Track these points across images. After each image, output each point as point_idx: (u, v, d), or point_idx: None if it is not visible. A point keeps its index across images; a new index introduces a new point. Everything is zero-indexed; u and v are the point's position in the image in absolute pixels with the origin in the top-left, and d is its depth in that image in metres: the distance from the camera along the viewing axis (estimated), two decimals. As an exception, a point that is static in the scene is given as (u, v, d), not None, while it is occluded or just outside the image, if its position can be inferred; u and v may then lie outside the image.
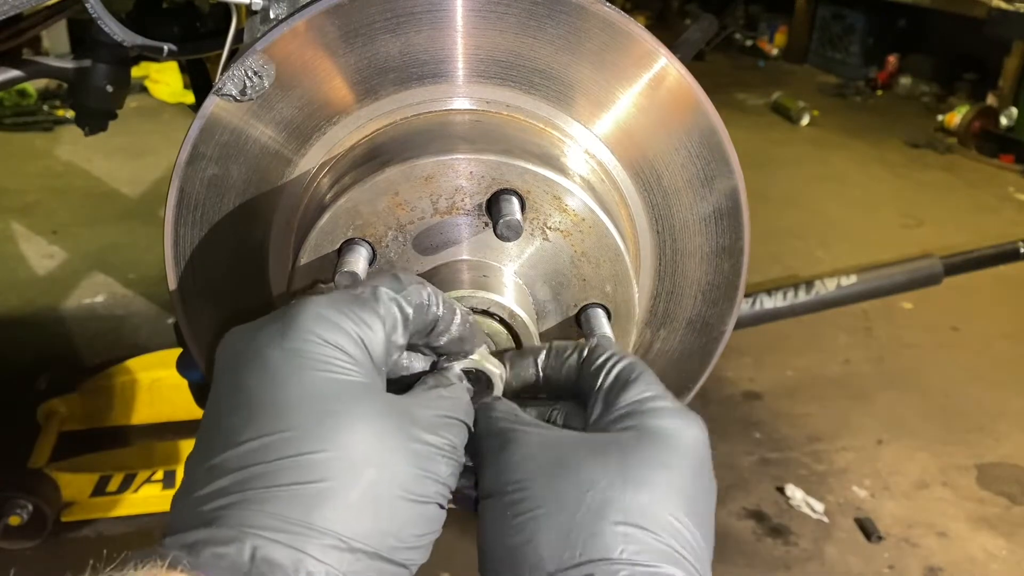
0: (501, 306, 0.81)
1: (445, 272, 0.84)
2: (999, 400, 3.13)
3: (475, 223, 0.84)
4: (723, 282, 1.03)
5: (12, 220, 4.15)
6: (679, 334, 1.05)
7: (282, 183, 0.93)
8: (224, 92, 0.87)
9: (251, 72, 0.87)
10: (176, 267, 0.96)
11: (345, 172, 0.89)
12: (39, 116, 5.47)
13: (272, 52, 0.87)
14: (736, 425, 2.93)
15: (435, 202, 0.83)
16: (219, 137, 0.90)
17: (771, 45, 8.30)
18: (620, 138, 0.95)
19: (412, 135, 0.89)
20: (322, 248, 0.83)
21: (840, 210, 4.81)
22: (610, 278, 0.87)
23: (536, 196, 0.83)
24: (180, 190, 0.92)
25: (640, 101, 0.94)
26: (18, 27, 1.38)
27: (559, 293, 0.87)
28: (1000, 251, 3.08)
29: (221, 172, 0.92)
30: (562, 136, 0.94)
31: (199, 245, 0.95)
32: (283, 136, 0.91)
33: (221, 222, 0.94)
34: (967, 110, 6.00)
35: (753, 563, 2.37)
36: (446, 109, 0.91)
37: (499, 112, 0.92)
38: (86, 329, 3.29)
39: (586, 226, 0.85)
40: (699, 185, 0.98)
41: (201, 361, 1.02)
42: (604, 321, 0.87)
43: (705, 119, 0.96)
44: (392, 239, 0.83)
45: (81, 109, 1.65)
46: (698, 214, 0.99)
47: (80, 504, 2.36)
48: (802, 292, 2.76)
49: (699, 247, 1.01)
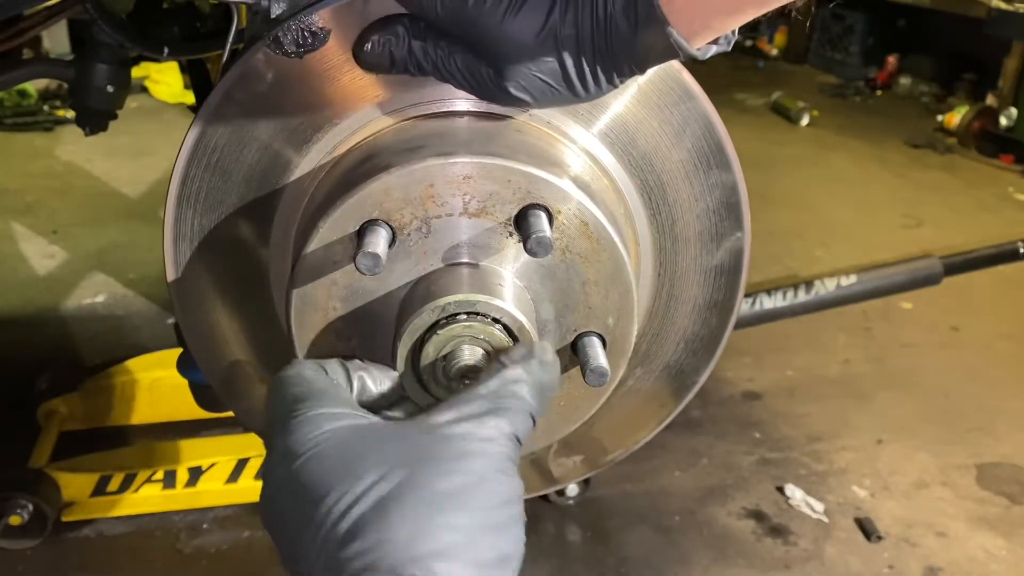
0: (511, 315, 0.81)
1: (458, 273, 0.83)
2: (999, 400, 3.13)
3: (499, 231, 0.84)
4: (708, 335, 1.03)
5: (12, 220, 4.15)
6: (654, 376, 1.06)
7: (299, 158, 0.92)
8: (276, 43, 0.85)
9: (308, 31, 0.85)
10: (175, 251, 0.95)
11: (373, 154, 0.88)
12: (39, 116, 5.47)
13: (329, 18, 0.85)
14: (736, 425, 2.93)
15: (467, 202, 0.82)
16: (255, 87, 0.89)
17: (771, 45, 8.29)
18: (646, 177, 0.95)
19: (451, 131, 0.88)
20: (343, 226, 0.82)
21: (840, 210, 4.81)
22: (615, 311, 0.87)
23: (565, 217, 0.83)
24: (201, 131, 0.91)
25: (671, 144, 0.95)
26: (18, 27, 1.38)
27: (562, 315, 0.87)
28: (1000, 251, 3.08)
29: (248, 122, 0.90)
30: (593, 163, 0.93)
31: (207, 191, 0.94)
32: (318, 102, 0.90)
33: (233, 173, 0.93)
34: (967, 110, 5.99)
35: (753, 563, 2.37)
36: (490, 111, 0.90)
37: (539, 127, 0.92)
38: (86, 329, 3.29)
39: (605, 256, 0.85)
40: (708, 240, 0.99)
41: (199, 360, 1.02)
42: (600, 352, 0.87)
43: (729, 176, 0.96)
44: (415, 229, 0.83)
45: (81, 109, 1.65)
46: (701, 266, 1.00)
47: (80, 504, 2.36)
48: (802, 292, 2.76)
49: (693, 297, 1.01)
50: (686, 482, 2.66)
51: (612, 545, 2.40)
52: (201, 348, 1.01)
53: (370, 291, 0.85)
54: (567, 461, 1.10)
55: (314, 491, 0.64)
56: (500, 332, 0.80)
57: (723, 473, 2.70)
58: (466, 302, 0.80)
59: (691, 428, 2.87)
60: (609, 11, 0.74)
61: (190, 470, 2.42)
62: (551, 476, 1.11)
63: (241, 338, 1.01)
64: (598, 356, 0.85)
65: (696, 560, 2.38)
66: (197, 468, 2.42)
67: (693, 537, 2.45)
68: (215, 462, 2.43)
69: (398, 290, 0.85)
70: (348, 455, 0.65)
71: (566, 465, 1.11)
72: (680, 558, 2.38)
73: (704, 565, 2.36)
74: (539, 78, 0.78)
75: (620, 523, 2.48)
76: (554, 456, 1.09)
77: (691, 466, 2.73)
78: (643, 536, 2.44)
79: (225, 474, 2.43)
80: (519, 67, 0.78)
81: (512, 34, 0.76)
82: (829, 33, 7.77)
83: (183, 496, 2.42)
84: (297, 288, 0.85)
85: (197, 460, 2.44)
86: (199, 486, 2.42)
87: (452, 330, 0.79)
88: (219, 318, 1.00)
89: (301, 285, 0.85)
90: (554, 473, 1.11)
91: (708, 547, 2.42)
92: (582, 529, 2.46)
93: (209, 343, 1.01)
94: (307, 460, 0.66)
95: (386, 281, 0.84)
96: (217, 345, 1.02)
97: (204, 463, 2.43)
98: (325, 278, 0.84)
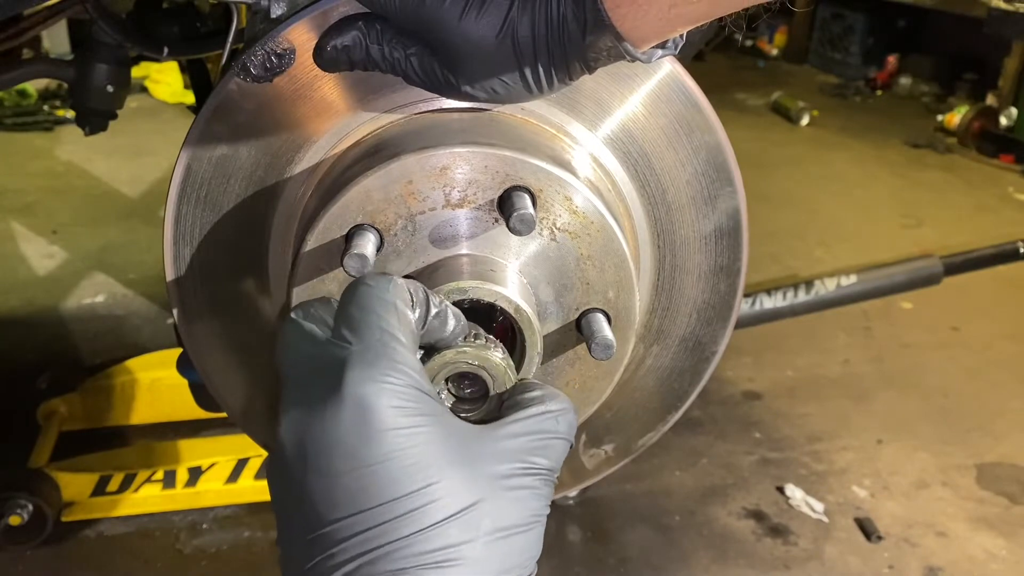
0: (507, 299, 0.81)
1: (451, 264, 0.84)
2: (999, 400, 3.13)
3: (485, 218, 0.84)
4: (719, 302, 1.03)
5: (12, 220, 4.15)
6: (672, 351, 1.05)
7: (291, 167, 0.93)
8: (244, 70, 0.86)
9: (274, 54, 0.86)
10: (175, 249, 0.96)
11: (356, 160, 0.89)
12: (39, 116, 5.47)
13: (292, 37, 0.87)
14: (736, 425, 2.93)
15: (448, 194, 0.83)
16: (233, 116, 0.90)
17: (771, 45, 8.29)
18: (628, 149, 0.95)
19: (426, 128, 0.89)
20: (330, 232, 0.82)
21: (840, 210, 4.81)
22: (614, 284, 0.87)
23: (548, 195, 0.83)
24: (187, 167, 0.92)
25: (649, 113, 0.94)
26: (18, 27, 1.38)
27: (562, 295, 0.87)
28: (1000, 251, 3.08)
29: (230, 153, 0.91)
30: (571, 142, 0.93)
31: (200, 226, 0.94)
32: (294, 121, 0.90)
33: (223, 206, 0.94)
34: (967, 110, 6.00)
35: (753, 563, 2.37)
36: (461, 107, 0.90)
37: (514, 114, 0.92)
38: (86, 329, 3.29)
39: (594, 229, 0.85)
40: (702, 203, 0.98)
41: (196, 361, 1.02)
42: (605, 325, 0.86)
43: (713, 136, 0.96)
44: (401, 228, 0.83)
45: (81, 109, 1.65)
46: (699, 232, 0.99)
47: (80, 504, 2.36)
48: (802, 292, 2.76)
49: (697, 265, 1.01)
50: (686, 482, 2.66)
51: (612, 545, 2.40)
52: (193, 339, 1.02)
53: None
54: (598, 452, 1.08)
55: (359, 504, 0.62)
56: (496, 355, 0.77)
57: (723, 473, 2.70)
58: (458, 289, 0.80)
59: (691, 428, 2.87)
60: (561, 13, 0.75)
61: (190, 470, 2.42)
62: (585, 470, 1.09)
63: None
64: (603, 329, 0.85)
65: (696, 560, 2.38)
66: (197, 468, 2.43)
67: (693, 537, 2.45)
68: (215, 462, 2.43)
69: None
70: (416, 476, 0.63)
71: (598, 456, 1.09)
72: (680, 558, 2.38)
73: (704, 565, 2.36)
74: (496, 78, 0.79)
75: (620, 523, 2.48)
76: (584, 448, 1.08)
77: (691, 466, 2.73)
78: (643, 536, 2.44)
79: (225, 474, 2.43)
80: (476, 67, 0.79)
81: (470, 35, 0.77)
82: (829, 33, 7.77)
83: (183, 496, 2.42)
84: (297, 287, 0.86)
85: (197, 460, 2.44)
86: (199, 486, 2.42)
87: (444, 356, 0.75)
88: (216, 303, 1.00)
89: (299, 285, 0.86)
90: (587, 466, 1.09)
91: (708, 547, 2.42)
92: (582, 529, 2.46)
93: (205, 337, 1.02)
94: (382, 465, 0.62)
95: None
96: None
97: (204, 463, 2.43)
98: (319, 280, 0.85)
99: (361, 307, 0.67)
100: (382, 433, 0.62)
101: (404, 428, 0.63)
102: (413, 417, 0.63)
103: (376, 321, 0.66)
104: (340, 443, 0.62)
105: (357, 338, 0.65)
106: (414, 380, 0.65)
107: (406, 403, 0.63)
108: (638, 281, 0.90)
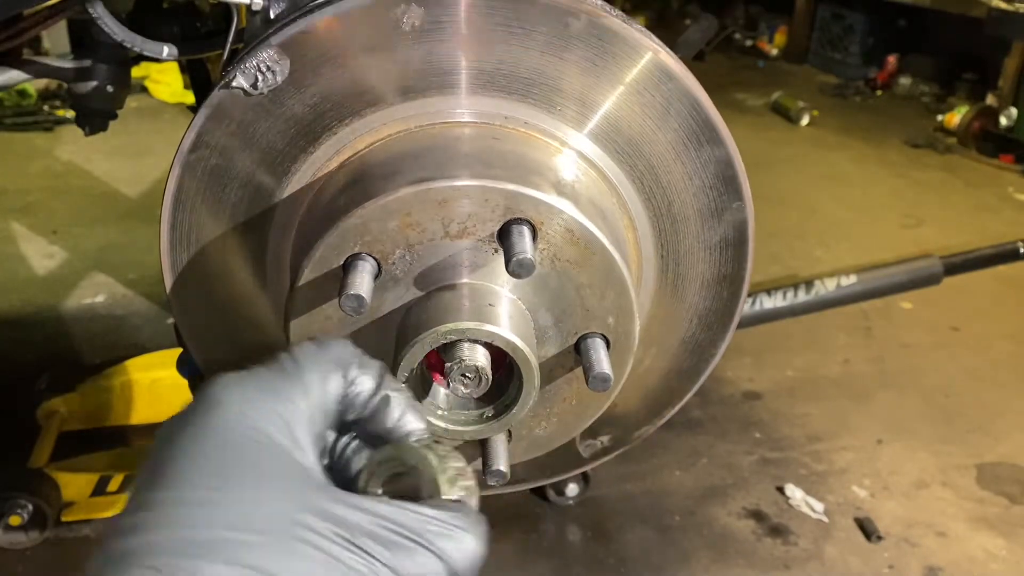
0: (505, 340, 0.80)
1: (448, 295, 0.83)
2: (999, 400, 3.13)
3: (484, 248, 0.83)
4: (721, 308, 1.03)
5: (12, 220, 4.15)
6: (671, 353, 1.05)
7: (286, 180, 0.93)
8: (235, 84, 0.86)
9: (264, 66, 0.86)
10: (172, 255, 0.96)
11: (354, 179, 0.88)
12: (39, 116, 5.46)
13: (287, 48, 0.86)
14: (736, 425, 2.93)
15: (447, 225, 0.82)
16: (225, 127, 0.90)
17: (771, 45, 8.29)
18: (634, 162, 0.95)
19: (427, 150, 0.88)
20: (328, 261, 0.82)
21: (840, 210, 4.81)
22: (614, 310, 0.87)
23: (549, 228, 0.83)
24: (180, 178, 0.92)
25: (657, 127, 0.94)
26: (18, 27, 1.38)
27: (561, 321, 0.87)
28: (1000, 251, 3.08)
29: (224, 164, 0.91)
30: (577, 159, 0.92)
31: (196, 232, 0.95)
32: (291, 133, 0.90)
33: (219, 215, 0.94)
34: (967, 110, 5.99)
35: (753, 563, 2.37)
36: (463, 121, 0.90)
37: (516, 128, 0.91)
38: (86, 329, 3.29)
39: (596, 260, 0.84)
40: (708, 215, 0.98)
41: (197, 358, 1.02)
42: (603, 352, 0.86)
43: (723, 150, 0.95)
44: (399, 257, 0.83)
45: (81, 109, 1.65)
46: (705, 242, 0.99)
47: (80, 504, 2.36)
48: (802, 292, 2.76)
49: (701, 274, 1.00)
50: (686, 482, 2.66)
51: (612, 545, 2.40)
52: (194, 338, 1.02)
53: (363, 319, 0.85)
54: (594, 443, 1.10)
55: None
56: (434, 462, 0.67)
57: (723, 473, 2.70)
58: (456, 331, 0.79)
59: (691, 428, 2.87)
60: None
61: (190, 470, 2.42)
62: (581, 458, 1.11)
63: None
64: (601, 361, 0.85)
65: (696, 560, 2.37)
66: (197, 468, 2.42)
67: (693, 537, 2.45)
68: (215, 462, 2.43)
69: (393, 314, 0.85)
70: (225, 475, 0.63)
71: (594, 446, 1.10)
72: (680, 558, 2.38)
73: (704, 565, 2.36)
74: None
75: (620, 523, 2.48)
76: (580, 439, 1.08)
77: (691, 466, 2.72)
78: (643, 536, 2.44)
79: (225, 474, 2.42)
80: None
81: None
82: (829, 33, 7.76)
83: (183, 496, 2.42)
84: (293, 320, 0.86)
85: (197, 460, 2.44)
86: (199, 486, 2.42)
87: (383, 451, 0.68)
88: (213, 308, 1.00)
89: (296, 317, 0.86)
90: (584, 455, 1.10)
91: (708, 547, 2.42)
92: (582, 529, 2.45)
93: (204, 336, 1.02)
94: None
95: (379, 309, 0.85)
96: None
97: (204, 463, 2.43)
98: (318, 311, 0.85)
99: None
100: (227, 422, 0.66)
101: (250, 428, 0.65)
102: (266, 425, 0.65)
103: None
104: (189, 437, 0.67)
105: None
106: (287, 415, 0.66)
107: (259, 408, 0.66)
108: (638, 305, 0.90)
